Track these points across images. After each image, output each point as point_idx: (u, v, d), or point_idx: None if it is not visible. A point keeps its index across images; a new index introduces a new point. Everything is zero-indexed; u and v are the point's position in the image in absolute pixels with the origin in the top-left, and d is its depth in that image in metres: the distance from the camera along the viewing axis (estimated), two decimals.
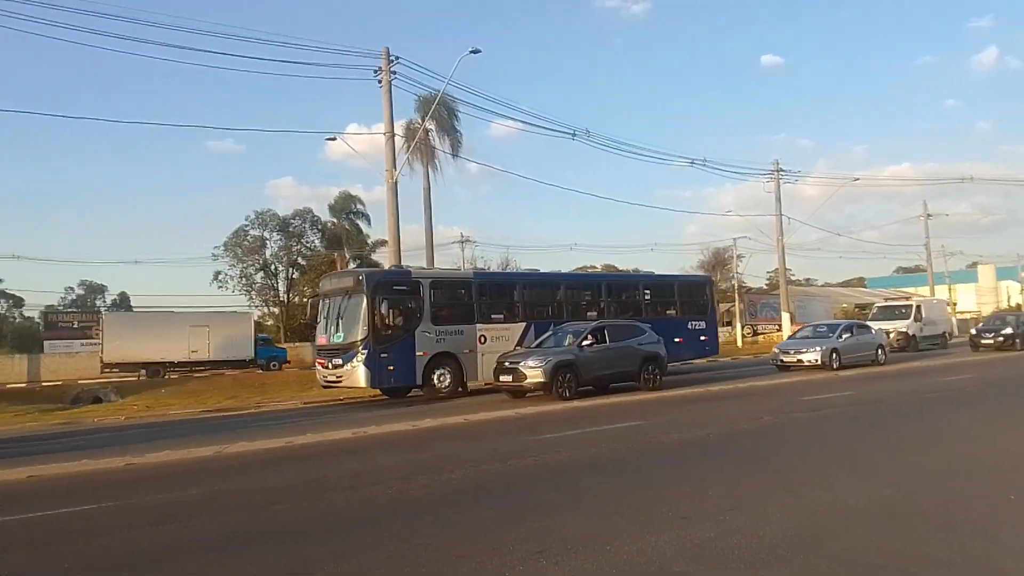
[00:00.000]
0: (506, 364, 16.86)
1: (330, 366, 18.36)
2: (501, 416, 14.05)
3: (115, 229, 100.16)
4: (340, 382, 18.32)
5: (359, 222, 56.13)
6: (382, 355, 17.70)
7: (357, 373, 17.62)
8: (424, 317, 18.53)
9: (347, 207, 56.06)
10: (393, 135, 24.46)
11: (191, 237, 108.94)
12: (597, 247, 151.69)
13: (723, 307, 67.13)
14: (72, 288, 77.16)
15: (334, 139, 30.03)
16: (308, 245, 56.89)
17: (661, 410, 14.34)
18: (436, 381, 18.46)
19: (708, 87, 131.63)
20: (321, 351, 19.39)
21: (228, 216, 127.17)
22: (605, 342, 17.37)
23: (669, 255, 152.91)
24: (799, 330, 27.55)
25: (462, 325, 19.18)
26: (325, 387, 19.28)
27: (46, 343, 47.24)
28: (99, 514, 7.16)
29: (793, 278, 71.19)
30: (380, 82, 23.87)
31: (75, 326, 49.09)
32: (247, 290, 55.61)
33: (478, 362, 19.07)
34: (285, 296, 56.73)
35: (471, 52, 22.15)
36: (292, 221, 55.91)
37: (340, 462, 9.93)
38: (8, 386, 34.53)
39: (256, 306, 57.45)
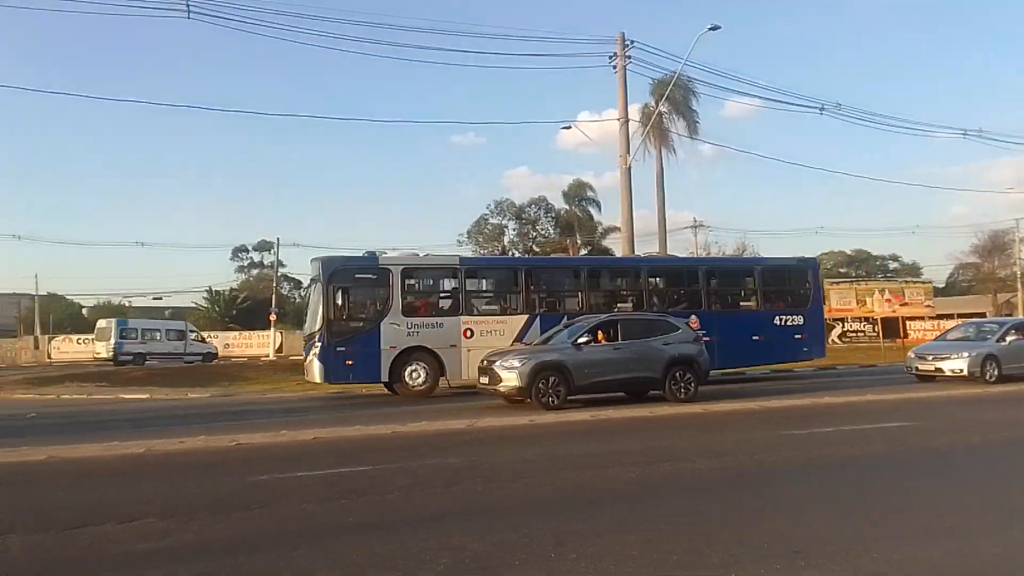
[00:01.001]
0: (484, 363, 14.25)
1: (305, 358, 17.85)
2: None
3: (369, 219, 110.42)
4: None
5: (591, 209, 56.92)
6: (338, 348, 16.58)
7: (312, 367, 16.88)
8: (393, 308, 16.96)
9: (579, 194, 57.04)
10: (627, 120, 24.46)
11: (437, 226, 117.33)
12: (846, 231, 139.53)
13: (1002, 297, 59.04)
14: None
15: (569, 128, 30.83)
16: (542, 232, 58.76)
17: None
18: (407, 378, 16.86)
19: (974, 47, 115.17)
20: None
21: (470, 205, 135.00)
22: (616, 339, 14.22)
23: (933, 239, 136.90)
24: (951, 329, 21.58)
25: (442, 317, 17.44)
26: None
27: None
28: (376, 474, 8.02)
29: None
30: (615, 68, 23.97)
31: None
32: None
33: (462, 358, 17.06)
34: None
35: (710, 29, 21.48)
36: (527, 209, 58.09)
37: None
38: (291, 358, 39.90)
39: None
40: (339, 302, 16.84)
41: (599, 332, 14.18)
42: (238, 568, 4.72)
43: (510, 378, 13.39)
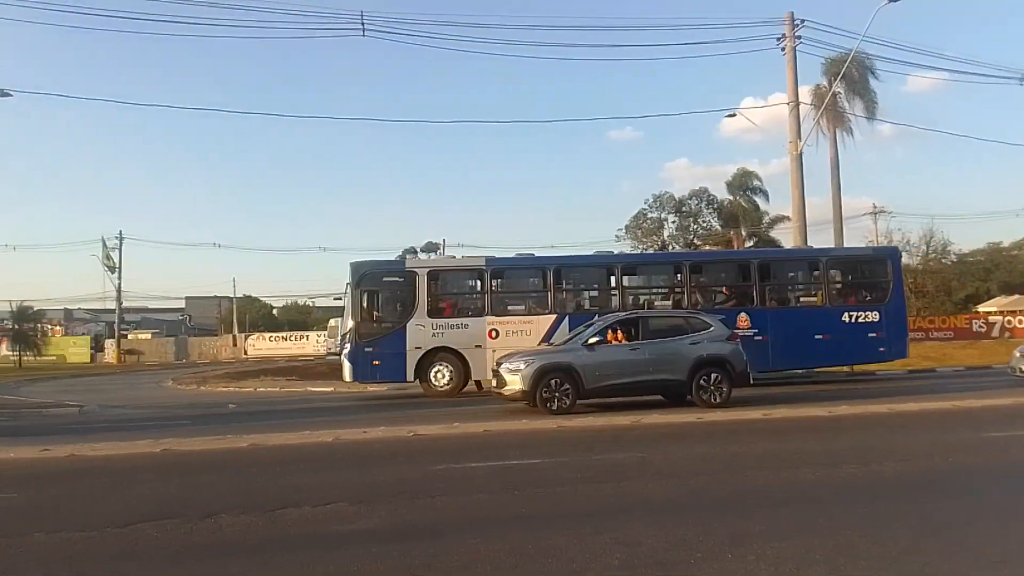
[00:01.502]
0: (494, 366, 13.79)
1: None
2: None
3: (529, 218, 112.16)
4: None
5: (756, 198, 54.50)
6: (366, 349, 17.14)
7: (344, 367, 17.74)
8: (418, 310, 17.24)
9: (744, 183, 54.82)
10: (798, 103, 23.26)
11: (595, 223, 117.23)
12: None
13: None
14: None
15: (733, 115, 29.71)
16: (704, 225, 57.06)
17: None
18: (433, 378, 17.14)
19: None
20: None
21: (628, 201, 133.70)
22: (637, 338, 13.22)
23: None
24: None
25: (468, 318, 17.48)
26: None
27: None
28: (545, 467, 8.16)
29: None
30: (783, 49, 22.85)
31: None
32: None
33: (488, 359, 16.58)
34: None
35: (889, 1, 19.87)
36: (688, 202, 56.61)
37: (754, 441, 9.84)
38: None
39: None
40: (365, 304, 17.65)
41: (614, 331, 13.33)
42: (425, 552, 4.97)
43: (513, 381, 12.88)
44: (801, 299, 18.51)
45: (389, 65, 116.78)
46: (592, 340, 13.24)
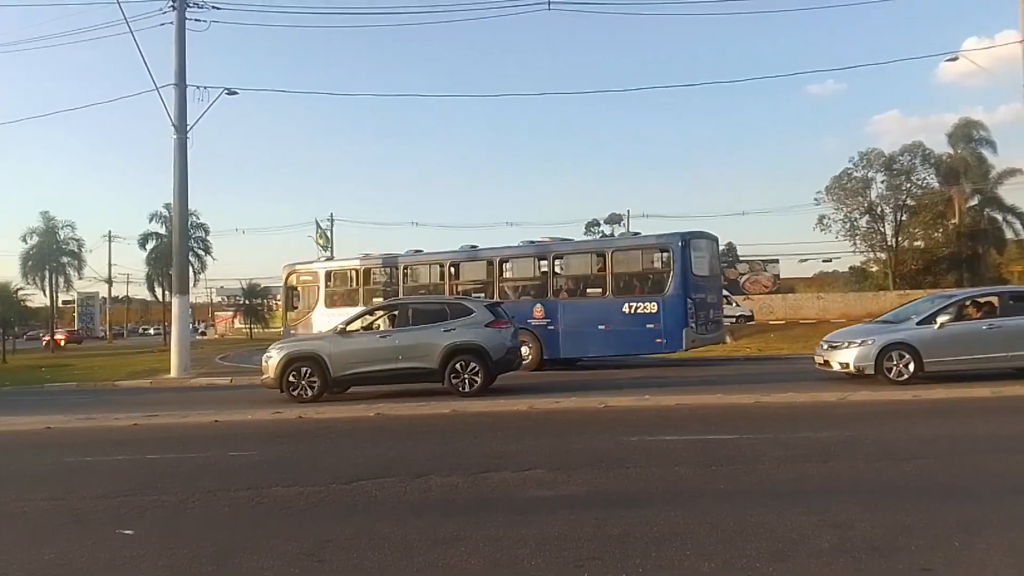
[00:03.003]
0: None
1: None
2: None
3: (724, 182, 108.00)
4: None
5: (982, 150, 48.71)
6: (291, 333, 20.01)
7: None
8: (320, 302, 20.78)
9: (967, 134, 49.23)
10: None
11: (792, 184, 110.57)
12: None
13: None
14: None
15: (955, 59, 26.57)
16: (919, 183, 51.89)
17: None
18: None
19: None
20: None
21: (829, 160, 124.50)
22: (395, 326, 13.56)
23: None
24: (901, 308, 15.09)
25: (352, 308, 18.43)
26: None
27: None
28: (745, 443, 7.92)
29: None
30: None
31: None
32: (851, 235, 53.80)
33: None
34: (892, 240, 53.02)
35: None
36: (899, 158, 51.67)
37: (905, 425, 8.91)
38: None
39: (860, 252, 55.31)
40: (288, 297, 21.84)
41: (373, 318, 14.04)
42: (623, 521, 5.02)
43: (265, 368, 13.23)
44: (587, 290, 18.18)
45: (572, 35, 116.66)
46: (348, 327, 13.43)
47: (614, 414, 10.22)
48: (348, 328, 13.40)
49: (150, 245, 58.28)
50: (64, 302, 62.53)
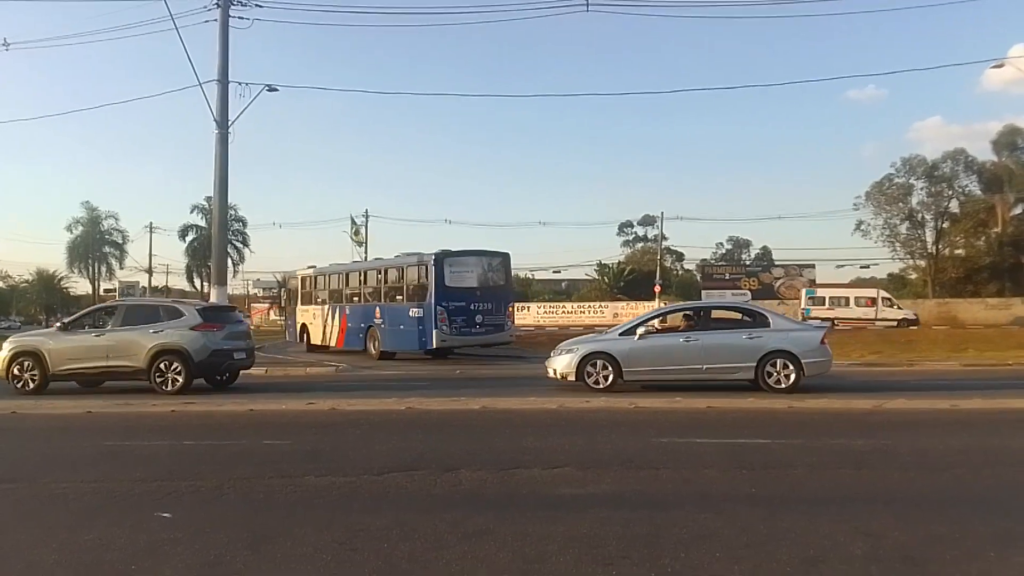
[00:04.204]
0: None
1: None
2: None
3: (760, 187, 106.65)
4: None
5: None
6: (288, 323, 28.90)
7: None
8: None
9: (1011, 142, 48.13)
10: None
11: (830, 189, 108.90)
12: None
13: None
14: (721, 244, 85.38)
15: (1001, 66, 26.19)
16: (960, 190, 50.82)
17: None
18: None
19: None
20: None
21: (867, 166, 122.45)
22: (115, 326, 13.91)
23: None
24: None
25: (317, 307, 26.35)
26: None
27: (703, 292, 53.88)
28: (776, 448, 7.86)
29: None
30: None
31: (727, 278, 54.71)
32: (891, 241, 52.88)
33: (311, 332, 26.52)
34: (933, 248, 52.01)
35: None
36: (941, 165, 50.68)
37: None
38: None
39: (899, 258, 54.36)
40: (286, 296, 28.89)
41: (93, 318, 14.62)
42: (652, 521, 5.03)
43: None
44: (396, 297, 22.28)
45: (610, 36, 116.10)
46: (68, 322, 14.76)
47: (644, 415, 10.20)
48: (66, 322, 14.79)
49: (190, 237, 59.37)
50: (106, 290, 63.92)
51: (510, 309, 22.71)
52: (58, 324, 14.95)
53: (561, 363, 12.94)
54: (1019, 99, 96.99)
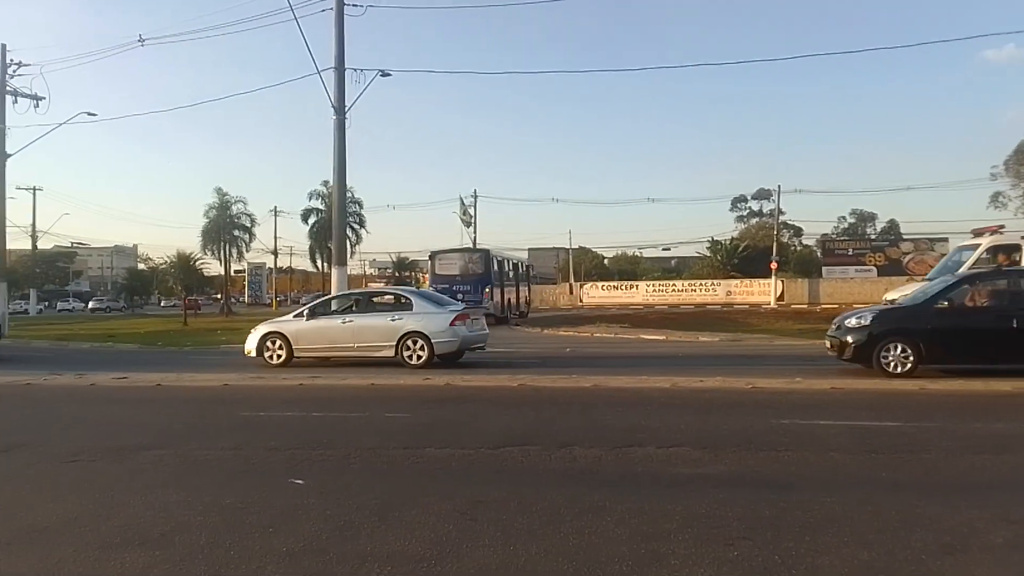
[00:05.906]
0: None
1: None
2: None
3: (886, 156, 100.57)
4: None
5: None
6: None
7: None
8: None
9: None
10: None
11: (963, 158, 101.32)
12: None
13: None
14: (844, 217, 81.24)
15: None
16: None
17: None
18: None
19: None
20: None
21: (1007, 132, 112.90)
22: None
23: None
24: None
25: None
26: None
27: (824, 269, 51.44)
28: (909, 431, 7.49)
29: None
30: None
31: (849, 253, 51.93)
32: None
33: None
34: None
35: None
36: None
37: None
38: (792, 306, 39.37)
39: None
40: None
41: None
42: (775, 504, 4.89)
43: None
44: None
45: (722, 7, 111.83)
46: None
47: (762, 395, 9.90)
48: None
49: (311, 220, 62.07)
50: (236, 271, 68.05)
51: (487, 291, 29.42)
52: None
53: (252, 341, 14.76)
54: None
